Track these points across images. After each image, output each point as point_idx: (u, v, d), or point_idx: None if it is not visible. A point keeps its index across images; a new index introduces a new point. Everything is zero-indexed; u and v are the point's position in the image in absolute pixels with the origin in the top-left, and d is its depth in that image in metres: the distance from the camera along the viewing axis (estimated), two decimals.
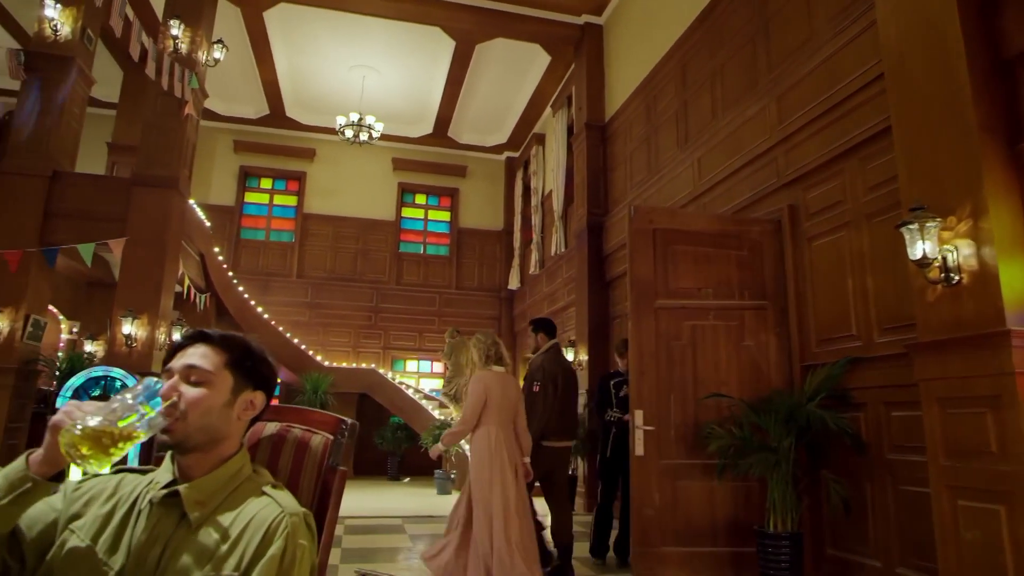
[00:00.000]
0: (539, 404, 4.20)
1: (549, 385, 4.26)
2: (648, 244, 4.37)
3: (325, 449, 1.27)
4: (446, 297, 13.59)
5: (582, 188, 8.76)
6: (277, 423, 1.34)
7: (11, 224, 7.00)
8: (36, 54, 7.45)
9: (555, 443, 4.26)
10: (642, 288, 4.32)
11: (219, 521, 1.10)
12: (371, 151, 13.59)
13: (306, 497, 1.24)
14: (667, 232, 4.43)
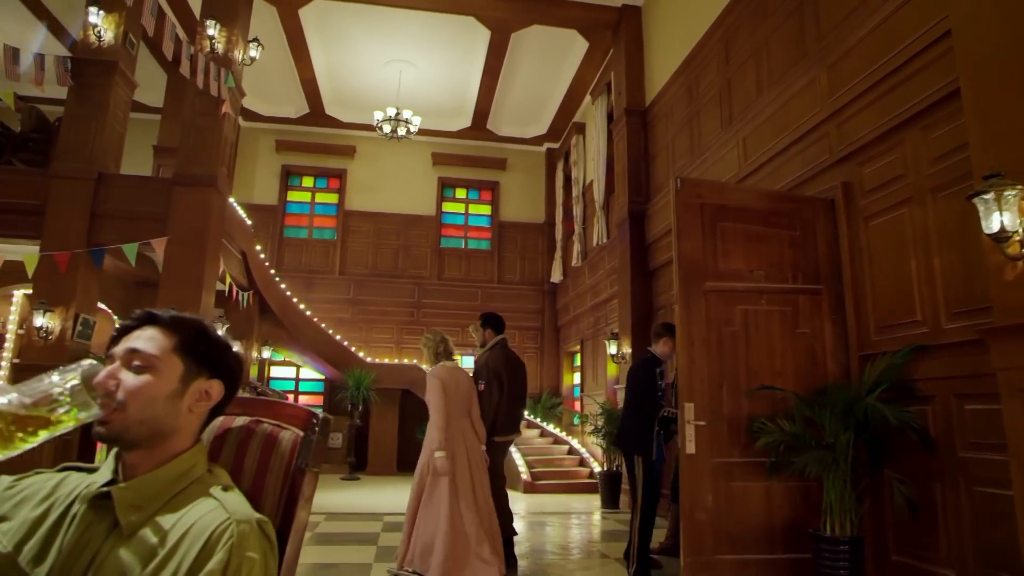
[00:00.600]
0: (483, 402, 4.26)
1: (494, 383, 4.32)
2: (696, 220, 4.04)
3: (294, 447, 1.11)
4: (488, 292, 13.47)
5: (623, 176, 8.48)
6: (247, 417, 1.18)
7: (60, 226, 7.17)
8: (81, 60, 7.61)
9: (503, 438, 4.37)
10: (691, 268, 3.98)
11: (157, 528, 0.95)
12: (410, 146, 13.58)
13: (271, 502, 1.08)
14: (715, 208, 4.10)
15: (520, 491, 8.87)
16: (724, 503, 3.72)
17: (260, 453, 1.12)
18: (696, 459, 3.74)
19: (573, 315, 11.92)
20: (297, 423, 1.14)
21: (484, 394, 4.29)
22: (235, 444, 1.15)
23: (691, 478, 3.73)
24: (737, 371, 3.92)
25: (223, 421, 1.20)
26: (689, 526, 3.65)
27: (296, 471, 1.09)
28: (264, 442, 1.13)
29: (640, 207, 8.10)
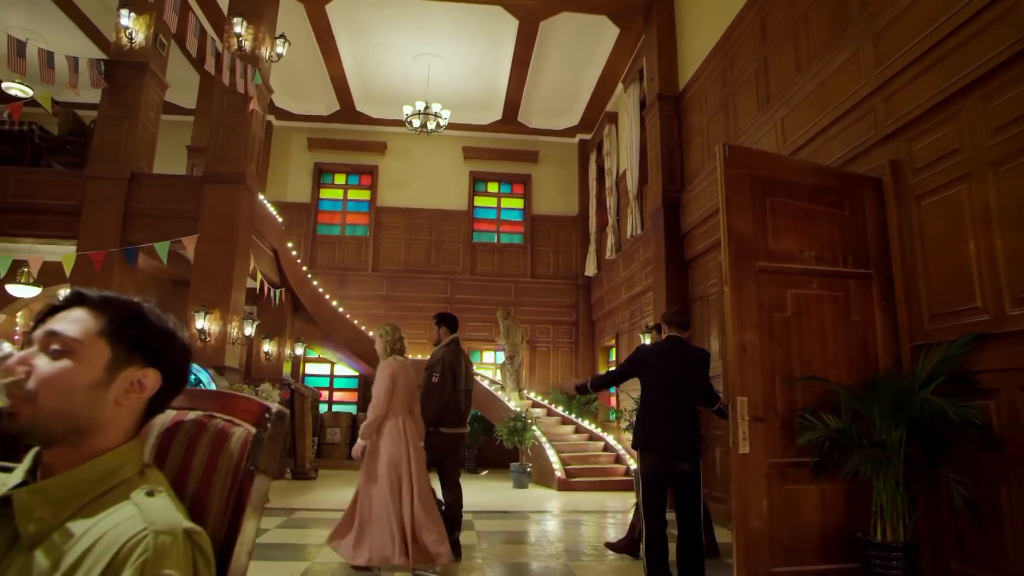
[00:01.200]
0: (435, 393, 4.46)
1: (448, 376, 4.52)
2: (745, 193, 3.69)
3: (244, 446, 0.96)
4: (521, 286, 13.31)
5: (656, 164, 8.21)
6: (199, 412, 1.04)
7: (95, 226, 7.28)
8: (114, 62, 7.71)
9: (452, 430, 4.56)
10: (741, 245, 3.62)
11: (66, 537, 0.81)
12: (441, 141, 13.48)
13: (217, 509, 0.93)
14: (765, 180, 3.74)
15: (554, 488, 8.69)
16: (779, 508, 3.39)
17: (209, 452, 0.97)
18: (749, 460, 3.41)
19: (608, 309, 11.68)
20: (250, 419, 0.99)
21: (437, 386, 4.49)
22: (184, 442, 1.01)
23: (744, 481, 3.42)
24: (789, 361, 3.59)
25: (175, 416, 1.05)
26: (744, 535, 3.33)
27: (245, 474, 0.93)
28: (214, 440, 0.98)
29: (674, 195, 7.82)
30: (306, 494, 7.77)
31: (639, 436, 3.73)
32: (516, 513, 6.81)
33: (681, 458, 3.60)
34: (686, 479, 3.62)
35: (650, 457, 3.64)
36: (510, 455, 10.01)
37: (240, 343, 7.55)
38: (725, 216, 3.68)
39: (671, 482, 3.65)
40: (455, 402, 4.53)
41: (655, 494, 3.60)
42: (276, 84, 12.18)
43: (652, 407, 3.72)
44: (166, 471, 0.98)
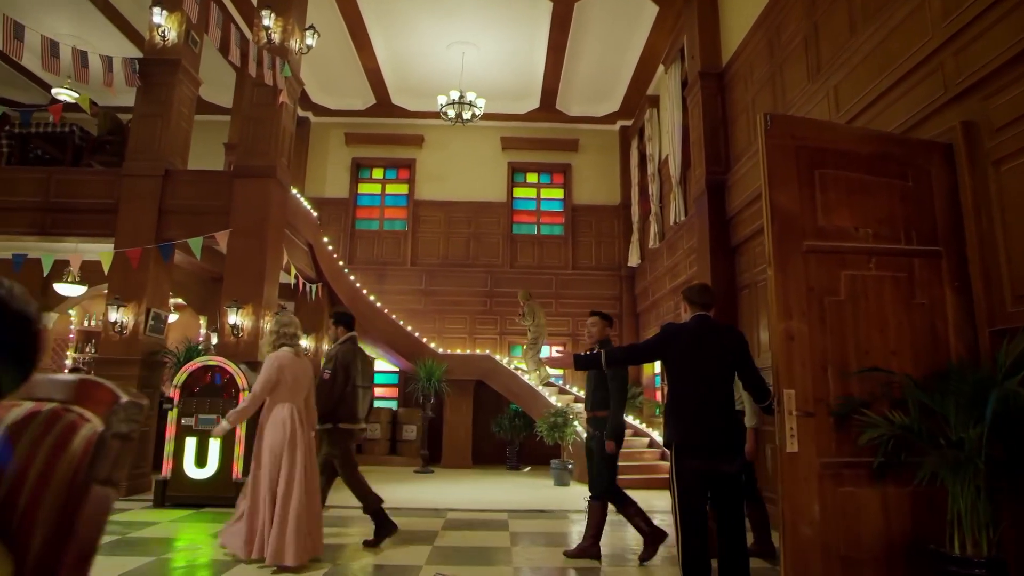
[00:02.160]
0: (325, 389, 4.56)
1: (340, 373, 4.63)
2: (790, 165, 3.35)
3: (87, 448, 0.71)
4: (563, 279, 12.98)
5: (699, 145, 7.77)
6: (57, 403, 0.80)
7: (131, 223, 7.31)
8: (148, 60, 7.74)
9: (349, 425, 4.70)
10: (786, 223, 3.30)
11: None
12: (478, 132, 13.26)
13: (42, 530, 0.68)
14: (813, 151, 3.38)
15: None
16: (834, 514, 3.03)
17: (48, 456, 0.73)
18: (799, 459, 3.06)
19: (652, 300, 11.25)
20: (102, 411, 0.74)
21: (327, 383, 4.60)
22: (30, 441, 0.76)
23: (793, 482, 3.07)
24: (844, 350, 3.21)
25: (31, 408, 0.82)
26: (792, 542, 2.98)
27: (79, 487, 0.68)
28: (58, 438, 0.74)
29: (719, 177, 7.38)
30: (344, 490, 7.64)
31: (672, 432, 3.35)
32: (554, 513, 6.53)
33: (722, 457, 3.23)
34: (728, 482, 3.23)
35: (686, 457, 3.25)
36: (551, 451, 9.73)
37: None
38: (768, 192, 3.35)
39: (711, 485, 3.26)
40: (350, 399, 4.66)
41: (693, 500, 3.21)
42: (312, 80, 12.19)
43: (685, 398, 3.34)
44: (6, 479, 0.75)
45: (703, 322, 3.44)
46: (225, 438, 6.24)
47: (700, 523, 3.18)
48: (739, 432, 3.32)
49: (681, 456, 3.27)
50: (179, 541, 4.71)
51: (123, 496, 6.50)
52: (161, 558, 4.12)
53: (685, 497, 3.24)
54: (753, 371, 3.40)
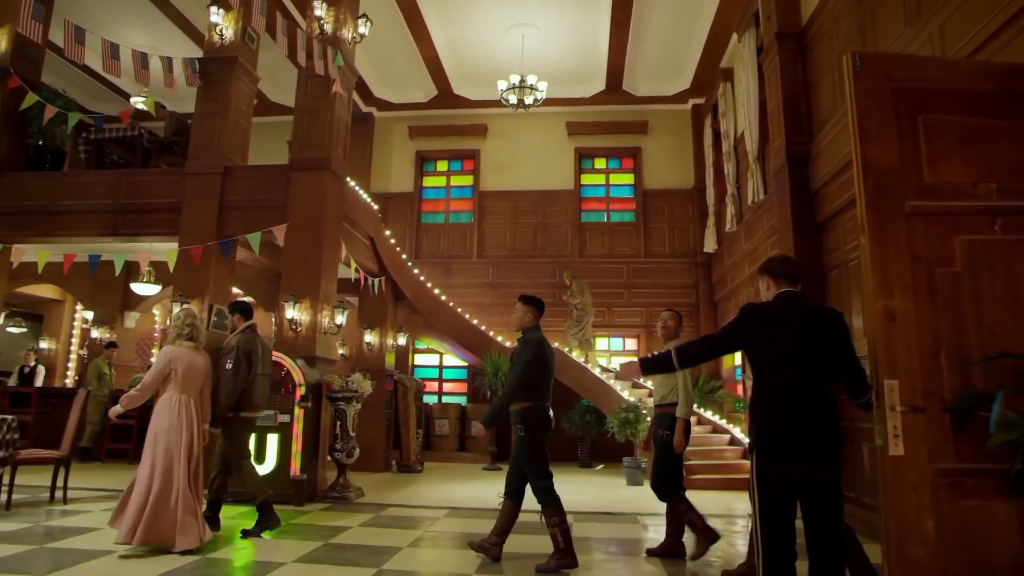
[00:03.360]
0: (229, 380, 4.63)
1: (243, 362, 4.70)
2: (887, 112, 2.80)
3: None
4: (634, 267, 12.41)
5: (777, 114, 7.07)
6: None
7: (194, 221, 7.39)
8: (206, 60, 7.81)
9: (251, 414, 4.81)
10: (882, 182, 2.77)
11: None
12: (543, 118, 12.87)
13: None
14: (916, 94, 2.81)
15: None
16: (954, 533, 2.46)
17: None
18: (905, 464, 2.52)
19: (731, 287, 10.52)
20: None
21: (231, 372, 4.65)
22: None
23: (898, 493, 2.52)
24: (962, 332, 2.60)
25: None
26: (899, 565, 2.43)
27: None
28: None
29: (801, 148, 6.67)
30: (405, 488, 7.48)
31: (756, 433, 2.79)
32: (625, 515, 6.07)
33: (816, 463, 2.65)
34: (822, 492, 2.65)
35: (771, 463, 2.70)
36: (624, 448, 9.25)
37: (332, 333, 7.37)
38: (858, 146, 2.80)
39: (800, 496, 2.69)
40: (252, 387, 4.75)
41: (779, 514, 2.66)
42: (373, 74, 12.17)
43: (771, 391, 2.77)
44: None
45: (791, 300, 2.87)
46: (283, 435, 6.17)
47: (785, 540, 2.66)
48: (836, 431, 2.73)
49: (763, 459, 2.73)
50: (225, 540, 4.60)
51: None
52: (207, 557, 3.99)
53: (767, 509, 2.70)
54: (853, 359, 2.79)
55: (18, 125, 8.57)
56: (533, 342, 4.20)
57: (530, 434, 4.12)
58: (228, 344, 4.84)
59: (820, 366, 2.72)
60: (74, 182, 8.05)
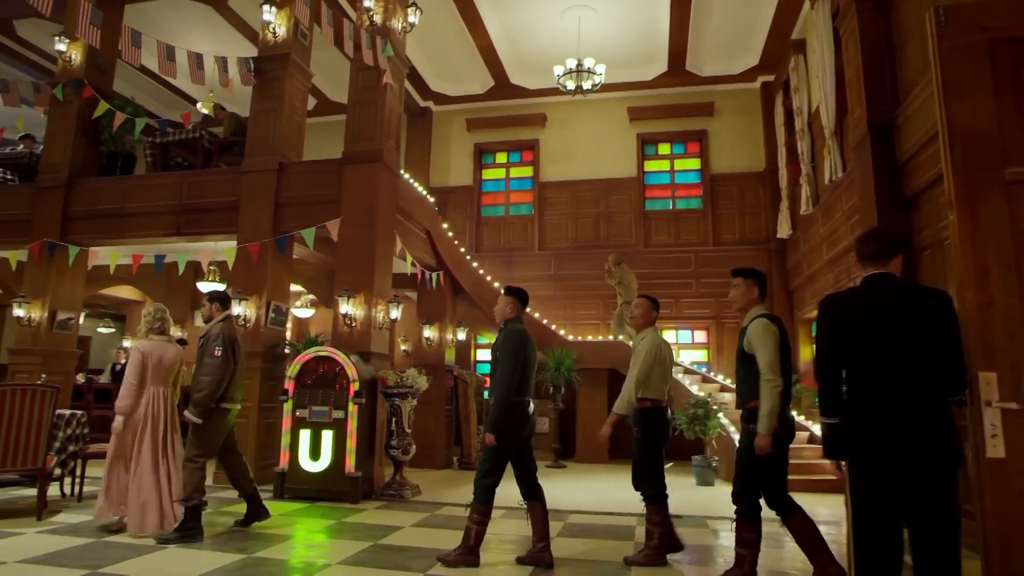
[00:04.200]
0: (218, 369, 4.50)
1: (229, 350, 4.61)
2: (979, 67, 2.46)
3: None
4: (703, 256, 11.84)
5: (857, 82, 6.45)
6: None
7: (251, 218, 7.45)
8: (260, 58, 7.85)
9: (231, 404, 4.67)
10: (973, 147, 2.44)
11: None
12: (603, 104, 12.47)
13: None
14: (1017, 44, 2.42)
15: None
16: None
17: None
18: (1007, 469, 2.18)
19: (807, 274, 9.83)
20: None
21: (220, 360, 4.52)
22: None
23: (999, 500, 2.16)
24: None
25: None
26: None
27: None
28: None
29: (884, 117, 6.04)
30: (464, 486, 7.29)
31: (850, 440, 2.35)
32: (692, 519, 5.68)
33: (919, 468, 2.19)
34: (927, 502, 2.20)
35: (865, 469, 2.29)
36: (693, 447, 8.77)
37: (386, 328, 7.28)
38: (943, 110, 2.55)
39: (904, 507, 2.24)
40: (234, 378, 4.65)
41: (875, 525, 2.26)
42: (429, 68, 12.08)
43: (862, 388, 2.35)
44: None
45: (877, 283, 2.46)
46: (338, 432, 6.09)
47: (880, 558, 2.26)
48: (944, 430, 2.26)
49: (856, 465, 2.33)
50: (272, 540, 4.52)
51: None
52: (253, 556, 3.91)
53: (861, 522, 2.31)
54: (955, 349, 2.32)
55: (92, 134, 8.92)
56: (516, 335, 3.97)
57: (506, 431, 3.87)
58: (211, 332, 4.68)
59: (918, 356, 2.29)
60: (141, 185, 8.28)
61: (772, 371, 3.34)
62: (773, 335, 3.41)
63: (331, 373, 6.22)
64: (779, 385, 3.34)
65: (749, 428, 3.50)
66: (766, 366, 3.35)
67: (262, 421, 6.94)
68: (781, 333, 3.49)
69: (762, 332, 3.41)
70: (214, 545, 4.16)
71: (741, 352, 3.55)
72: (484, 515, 3.90)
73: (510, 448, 3.92)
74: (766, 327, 3.43)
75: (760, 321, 3.47)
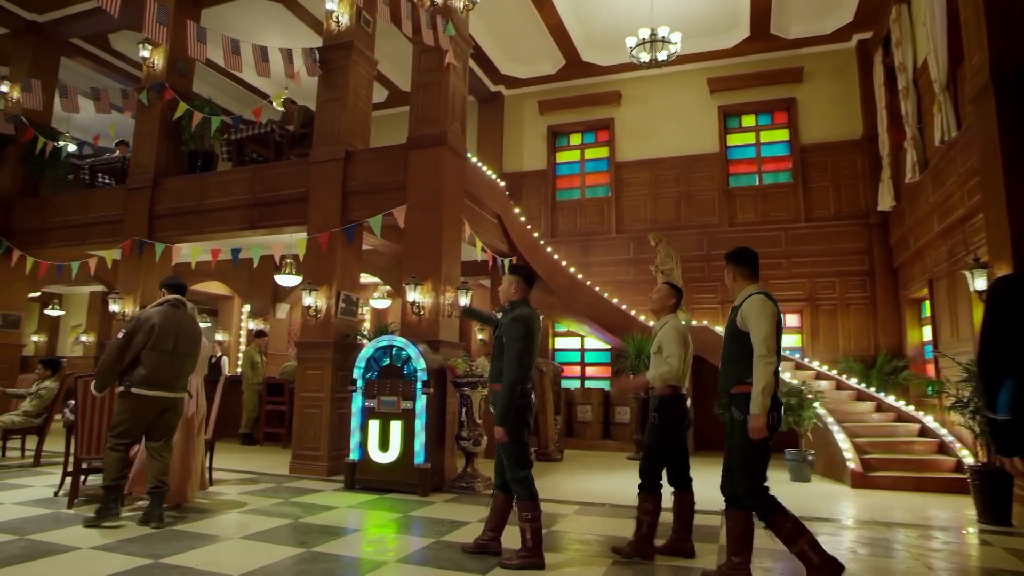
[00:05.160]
0: (111, 348, 4.44)
1: (139, 333, 4.42)
2: None
3: None
4: (793, 233, 11.00)
5: (976, 21, 5.63)
6: None
7: (320, 209, 7.43)
8: (325, 48, 7.81)
9: (145, 391, 4.39)
10: None
11: None
12: (681, 77, 11.83)
13: None
14: None
15: (846, 484, 6.69)
16: None
17: None
18: None
19: (914, 249, 8.89)
20: None
21: (116, 341, 4.45)
22: None
23: None
24: None
25: None
26: None
27: None
28: None
29: (1011, 61, 5.23)
30: (540, 478, 6.87)
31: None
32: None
33: None
34: None
35: None
36: (785, 439, 8.12)
37: (456, 315, 7.08)
38: None
39: None
40: (147, 362, 4.39)
41: None
42: (498, 51, 11.82)
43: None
44: None
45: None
46: (406, 422, 5.95)
47: None
48: None
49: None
50: (334, 532, 4.40)
51: (323, 476, 6.59)
52: (311, 551, 3.78)
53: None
54: None
55: (175, 134, 9.23)
56: (524, 318, 3.72)
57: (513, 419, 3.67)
58: (143, 314, 4.61)
59: None
60: (217, 181, 8.47)
61: (767, 347, 3.17)
62: (771, 312, 3.25)
63: (398, 362, 6.09)
64: (774, 363, 3.16)
65: (735, 415, 3.28)
66: (761, 342, 3.19)
67: (335, 411, 6.91)
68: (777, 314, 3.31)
69: (759, 307, 3.26)
70: (271, 537, 4.08)
71: (732, 330, 3.41)
72: (534, 510, 3.63)
73: (527, 434, 3.74)
74: (763, 303, 3.28)
75: (758, 297, 3.33)
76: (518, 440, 3.67)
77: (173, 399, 4.56)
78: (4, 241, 10.08)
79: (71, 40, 11.26)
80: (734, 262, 3.61)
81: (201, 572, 3.32)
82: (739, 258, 3.60)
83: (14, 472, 6.47)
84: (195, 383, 5.10)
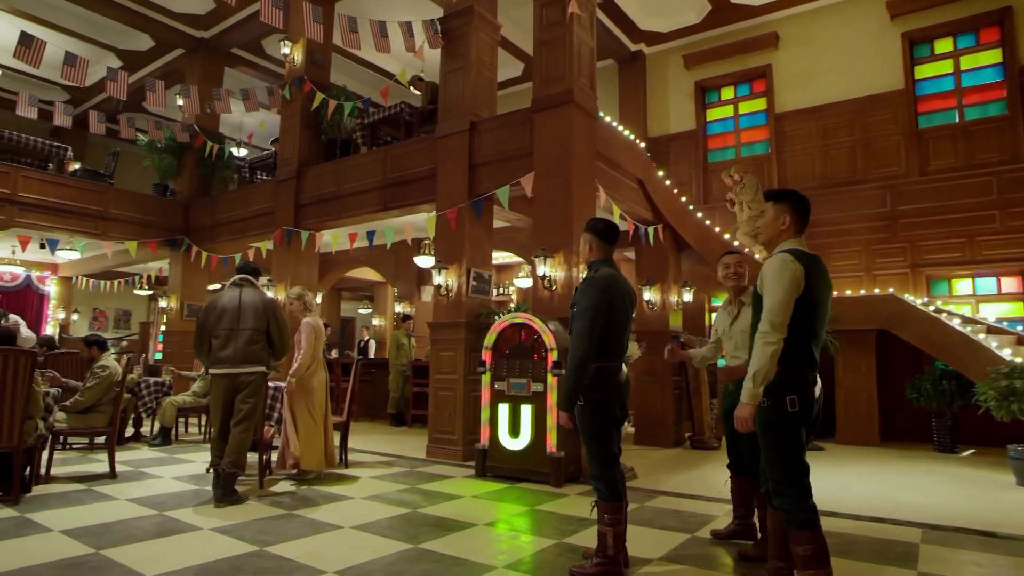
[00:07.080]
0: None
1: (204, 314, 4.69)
2: None
3: None
4: (1008, 178, 9.00)
5: None
6: None
7: (448, 184, 7.16)
8: (446, 17, 7.50)
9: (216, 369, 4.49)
10: None
11: None
12: (851, 6, 10.22)
13: None
14: None
15: None
16: None
17: None
18: None
19: None
20: None
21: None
22: None
23: None
24: None
25: None
26: None
27: None
28: None
29: None
30: (690, 470, 6.24)
31: None
32: (1018, 539, 3.93)
33: None
34: None
35: None
36: (1008, 431, 6.57)
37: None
38: None
39: None
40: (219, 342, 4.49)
41: None
42: (635, 5, 10.88)
43: None
44: None
45: None
46: (537, 407, 5.48)
47: None
48: None
49: None
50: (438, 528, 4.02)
51: (458, 461, 6.33)
52: (418, 547, 3.43)
53: None
54: None
55: (314, 124, 9.49)
56: (600, 283, 2.99)
57: (593, 405, 3.00)
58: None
59: None
60: (351, 165, 8.54)
61: (770, 322, 2.46)
62: (791, 275, 2.48)
63: (528, 342, 5.62)
64: (773, 343, 2.44)
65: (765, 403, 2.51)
66: (765, 313, 2.49)
67: (468, 394, 6.63)
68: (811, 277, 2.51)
69: (778, 269, 2.51)
70: (383, 529, 3.80)
71: (754, 296, 2.65)
72: (616, 512, 3.01)
73: (609, 424, 3.04)
74: (783, 264, 2.51)
75: (779, 256, 2.57)
76: (594, 430, 3.04)
77: (238, 375, 4.46)
78: (185, 239, 11.09)
79: (231, 51, 12.09)
80: (786, 202, 2.74)
81: (298, 565, 3.09)
82: (792, 199, 2.75)
83: (186, 448, 6.95)
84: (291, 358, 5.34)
